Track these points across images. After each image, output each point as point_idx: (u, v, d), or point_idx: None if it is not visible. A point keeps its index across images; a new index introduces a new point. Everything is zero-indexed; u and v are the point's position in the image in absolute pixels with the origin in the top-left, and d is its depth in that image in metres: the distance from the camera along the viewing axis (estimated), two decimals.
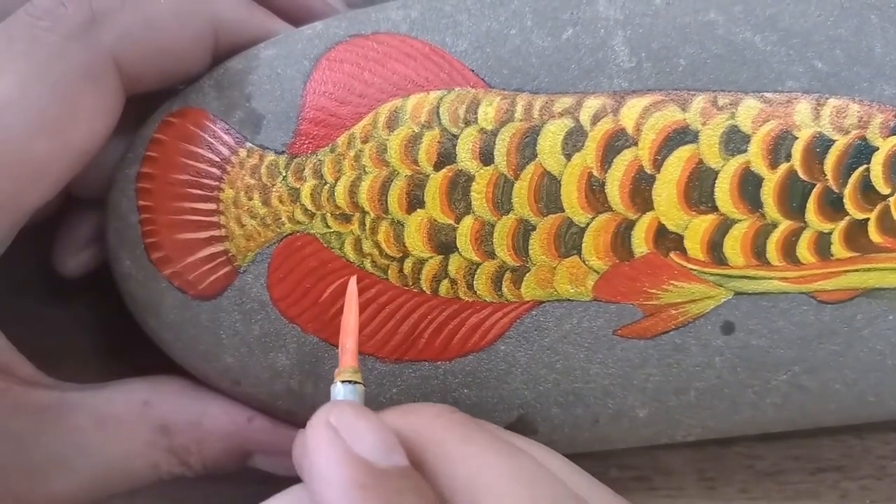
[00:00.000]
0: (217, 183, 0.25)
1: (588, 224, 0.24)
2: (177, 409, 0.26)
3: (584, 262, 0.24)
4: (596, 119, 0.24)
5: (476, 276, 0.25)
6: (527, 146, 0.24)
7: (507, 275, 0.25)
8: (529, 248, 0.24)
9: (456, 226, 0.25)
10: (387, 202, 0.25)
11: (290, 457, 0.27)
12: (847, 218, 0.24)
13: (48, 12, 0.23)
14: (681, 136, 0.24)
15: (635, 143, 0.24)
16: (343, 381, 0.22)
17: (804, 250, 0.24)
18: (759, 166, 0.24)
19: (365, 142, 0.25)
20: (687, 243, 0.24)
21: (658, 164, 0.24)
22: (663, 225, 0.24)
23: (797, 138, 0.24)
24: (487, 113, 0.24)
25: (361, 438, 0.19)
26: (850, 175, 0.24)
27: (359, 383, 0.22)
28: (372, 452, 0.19)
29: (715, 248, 0.24)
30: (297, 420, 0.26)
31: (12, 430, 0.24)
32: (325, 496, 0.18)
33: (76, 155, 0.23)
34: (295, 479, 0.27)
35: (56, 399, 0.25)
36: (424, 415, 0.21)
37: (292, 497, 0.20)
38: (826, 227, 0.24)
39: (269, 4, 0.27)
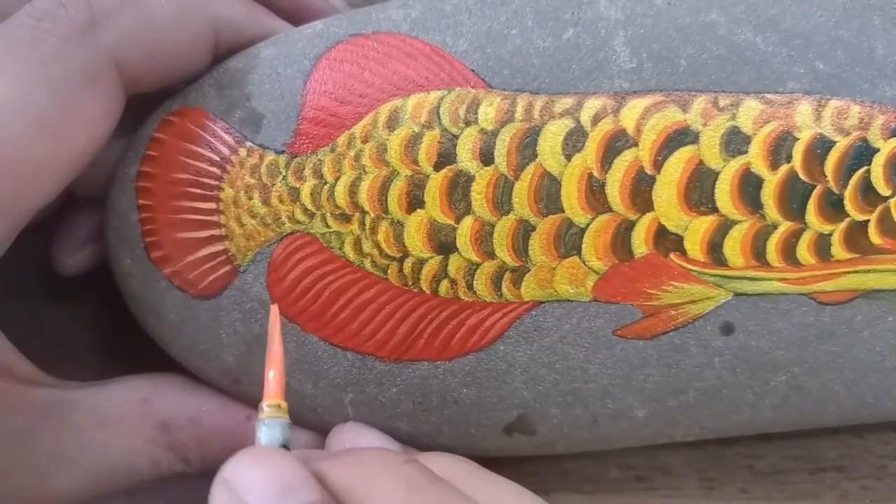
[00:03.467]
0: (217, 182, 0.25)
1: (588, 224, 0.24)
2: (176, 406, 0.26)
3: (583, 262, 0.24)
4: (596, 119, 0.24)
5: (476, 277, 0.25)
6: (527, 146, 0.24)
7: (507, 275, 0.25)
8: (529, 248, 0.24)
9: (456, 226, 0.25)
10: (387, 202, 0.25)
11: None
12: (847, 219, 0.24)
13: (48, 13, 0.23)
14: (681, 136, 0.24)
15: (636, 144, 0.24)
16: (265, 419, 0.21)
17: (804, 251, 0.24)
18: (760, 167, 0.24)
19: (365, 141, 0.25)
20: (687, 244, 0.24)
21: (658, 164, 0.24)
22: (663, 226, 0.24)
23: (798, 139, 0.24)
24: (488, 113, 0.24)
25: (252, 488, 0.19)
26: (850, 176, 0.24)
27: (282, 417, 0.21)
28: (263, 499, 0.18)
29: (715, 249, 0.24)
30: (296, 419, 0.26)
31: (13, 428, 0.24)
32: None
33: (76, 156, 0.23)
34: None
35: (56, 397, 0.25)
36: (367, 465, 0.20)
37: None
38: (826, 228, 0.24)
39: (269, 4, 0.27)
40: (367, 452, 0.22)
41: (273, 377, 0.21)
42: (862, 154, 0.24)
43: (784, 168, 0.24)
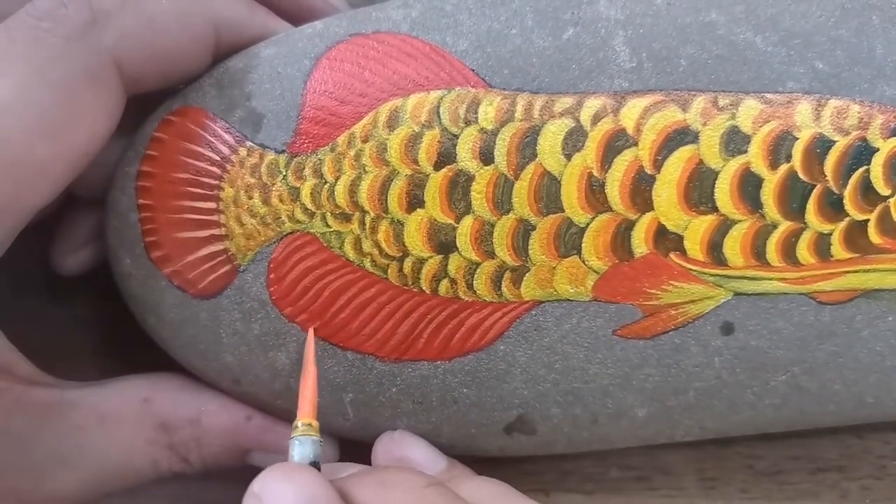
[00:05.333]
0: (217, 182, 0.25)
1: (588, 224, 0.24)
2: (176, 406, 0.26)
3: (583, 262, 0.24)
4: (596, 119, 0.24)
5: (476, 276, 0.25)
6: (527, 146, 0.24)
7: (507, 274, 0.25)
8: (529, 247, 0.24)
9: (456, 225, 0.25)
10: (387, 201, 0.25)
11: (288, 455, 0.27)
12: (847, 219, 0.24)
13: (49, 13, 0.23)
14: (681, 136, 0.24)
15: (635, 144, 0.24)
16: (297, 436, 0.22)
17: (804, 251, 0.24)
18: (760, 167, 0.24)
19: (365, 141, 0.25)
20: (687, 244, 0.24)
21: (658, 164, 0.24)
22: (663, 225, 0.24)
23: (797, 139, 0.24)
24: (488, 113, 0.24)
25: (279, 503, 0.19)
26: (850, 176, 0.24)
27: (314, 436, 0.22)
28: None
29: (715, 249, 0.24)
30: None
31: (13, 428, 0.24)
32: None
33: (77, 156, 0.23)
34: None
35: (56, 397, 0.25)
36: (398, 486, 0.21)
37: None
38: (826, 227, 0.24)
39: (269, 4, 0.27)
40: (393, 473, 0.22)
41: (307, 396, 0.23)
42: (861, 153, 0.24)
43: (784, 167, 0.24)
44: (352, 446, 0.27)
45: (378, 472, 0.22)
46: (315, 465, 0.22)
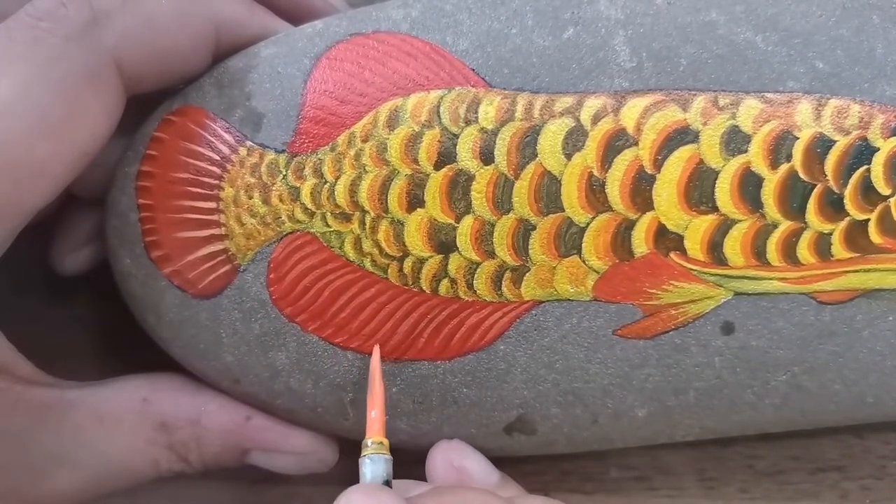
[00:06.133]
0: (217, 181, 0.25)
1: (588, 224, 0.24)
2: (176, 406, 0.26)
3: (583, 261, 0.24)
4: (596, 119, 0.24)
5: (476, 276, 0.25)
6: (527, 146, 0.24)
7: (507, 274, 0.25)
8: (529, 247, 0.24)
9: (456, 225, 0.25)
10: (387, 201, 0.25)
11: (288, 454, 0.27)
12: (847, 218, 0.24)
13: (49, 13, 0.23)
14: (681, 136, 0.24)
15: (636, 143, 0.24)
16: (369, 455, 0.23)
17: (804, 251, 0.24)
18: (760, 166, 0.24)
19: (365, 141, 0.25)
20: (687, 243, 0.24)
21: (658, 163, 0.24)
22: (663, 225, 0.24)
23: (798, 139, 0.24)
24: (488, 112, 0.24)
25: None
26: (850, 175, 0.24)
27: (385, 454, 0.23)
28: None
29: (715, 249, 0.24)
30: (296, 418, 0.26)
31: (13, 428, 0.24)
32: None
33: (77, 156, 0.23)
34: (292, 476, 0.27)
35: (56, 397, 0.25)
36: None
37: None
38: (826, 227, 0.24)
39: (269, 3, 0.27)
40: (469, 494, 0.22)
41: (375, 415, 0.23)
42: (862, 153, 0.24)
43: (784, 167, 0.24)
44: (352, 446, 0.27)
45: (455, 493, 0.22)
46: (387, 483, 0.22)
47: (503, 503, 0.22)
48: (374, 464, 0.22)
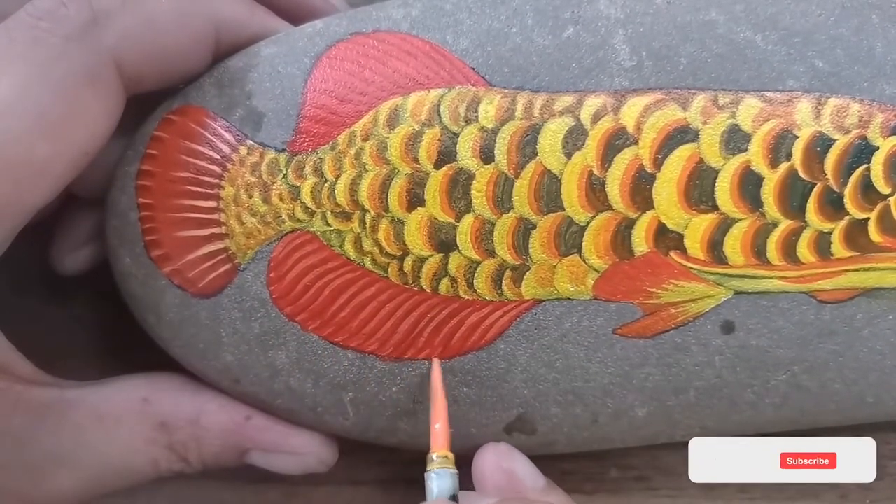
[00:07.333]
0: (217, 180, 0.25)
1: (588, 223, 0.24)
2: (176, 406, 0.26)
3: (584, 260, 0.24)
4: (596, 118, 0.24)
5: (476, 275, 0.25)
6: (527, 144, 0.24)
7: (507, 273, 0.25)
8: (529, 246, 0.24)
9: (456, 224, 0.25)
10: (387, 200, 0.25)
11: (287, 454, 0.27)
12: (847, 217, 0.24)
13: (49, 13, 0.23)
14: (681, 134, 0.24)
15: (636, 142, 0.24)
16: (435, 469, 0.23)
17: (804, 250, 0.24)
18: (760, 165, 0.24)
19: (365, 140, 0.25)
20: (687, 242, 0.24)
21: (658, 162, 0.24)
22: (663, 224, 0.24)
23: (798, 137, 0.24)
24: (488, 111, 0.24)
25: None
26: (850, 174, 0.24)
27: (451, 468, 0.23)
28: None
29: (715, 247, 0.24)
30: (296, 418, 0.26)
31: (13, 428, 0.24)
32: None
33: (77, 156, 0.23)
34: (292, 476, 0.27)
35: (56, 397, 0.25)
36: None
37: None
38: (826, 226, 0.24)
39: (269, 3, 0.27)
40: None
41: (440, 428, 0.23)
42: (862, 152, 0.24)
43: (784, 166, 0.24)
44: (352, 446, 0.27)
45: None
46: (454, 498, 0.22)
47: None
48: (440, 479, 0.22)
